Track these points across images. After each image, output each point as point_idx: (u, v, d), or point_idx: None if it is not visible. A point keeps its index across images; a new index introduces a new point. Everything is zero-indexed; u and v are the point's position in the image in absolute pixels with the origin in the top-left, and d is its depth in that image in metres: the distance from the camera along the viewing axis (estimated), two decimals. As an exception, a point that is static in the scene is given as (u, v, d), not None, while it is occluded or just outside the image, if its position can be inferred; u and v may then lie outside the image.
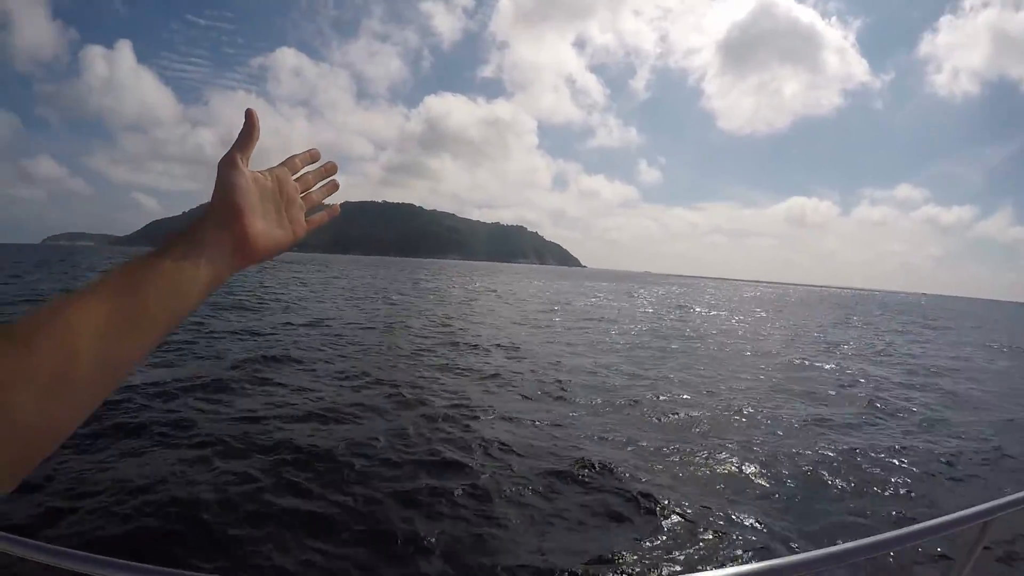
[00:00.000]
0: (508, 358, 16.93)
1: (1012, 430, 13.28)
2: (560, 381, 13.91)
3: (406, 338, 19.46)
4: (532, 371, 15.15)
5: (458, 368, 14.80)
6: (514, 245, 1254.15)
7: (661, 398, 13.13)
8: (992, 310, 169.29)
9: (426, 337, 20.08)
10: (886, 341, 33.28)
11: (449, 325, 24.44)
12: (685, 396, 13.50)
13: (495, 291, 57.87)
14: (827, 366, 20.80)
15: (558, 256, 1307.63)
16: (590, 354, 19.22)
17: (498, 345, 19.35)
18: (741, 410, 12.57)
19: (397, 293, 44.93)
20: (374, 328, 21.52)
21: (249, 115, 0.91)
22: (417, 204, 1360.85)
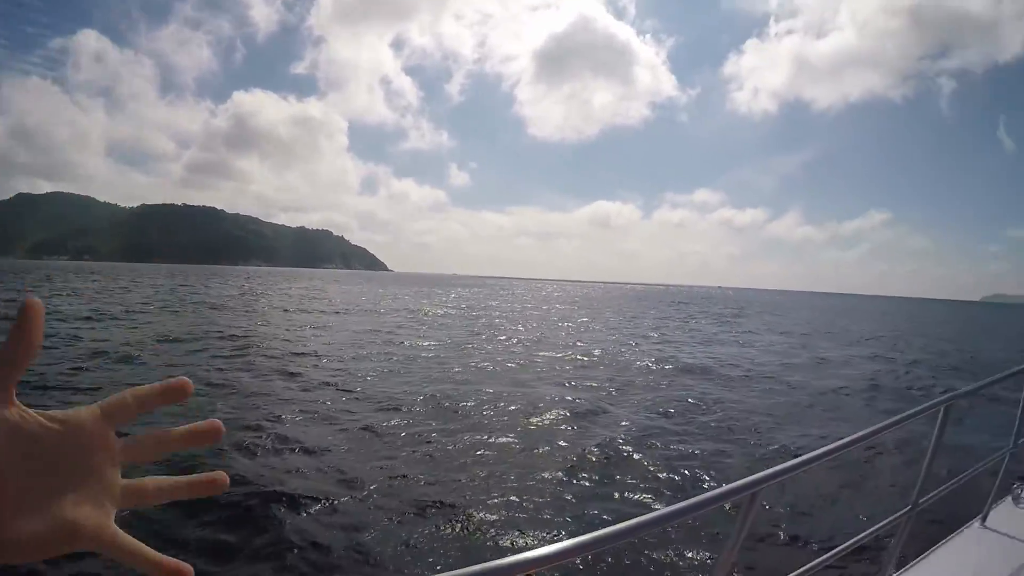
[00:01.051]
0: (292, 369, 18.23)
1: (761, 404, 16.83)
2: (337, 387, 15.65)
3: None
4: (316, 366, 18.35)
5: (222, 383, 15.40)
6: (320, 250, 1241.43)
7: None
8: (778, 298, 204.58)
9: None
10: (678, 326, 43.63)
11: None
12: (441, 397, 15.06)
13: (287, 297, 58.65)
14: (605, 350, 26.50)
15: (365, 260, 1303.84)
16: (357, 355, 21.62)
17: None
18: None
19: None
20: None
21: (27, 312, 0.59)
22: (220, 207, 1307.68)
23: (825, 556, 2.67)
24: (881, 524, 3.10)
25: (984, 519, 4.27)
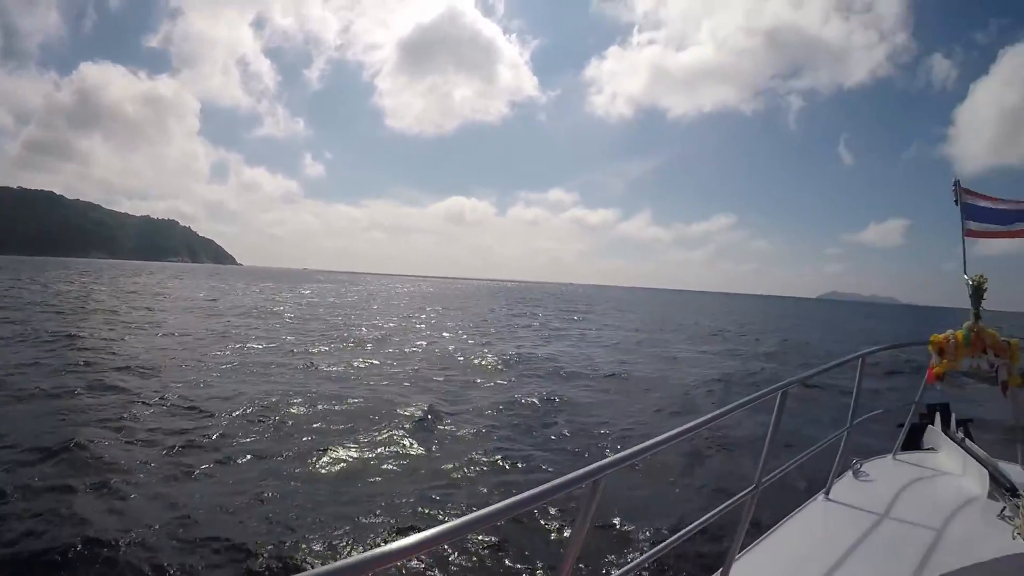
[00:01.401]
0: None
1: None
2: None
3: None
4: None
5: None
6: (165, 241, 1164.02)
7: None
8: (627, 295, 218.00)
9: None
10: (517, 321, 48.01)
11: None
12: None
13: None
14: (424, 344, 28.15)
15: (212, 253, 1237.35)
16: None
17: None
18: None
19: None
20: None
21: None
22: (60, 192, 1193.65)
23: (674, 537, 2.83)
24: (727, 504, 3.24)
25: (827, 493, 4.63)
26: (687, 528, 2.95)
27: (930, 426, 5.92)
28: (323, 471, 10.35)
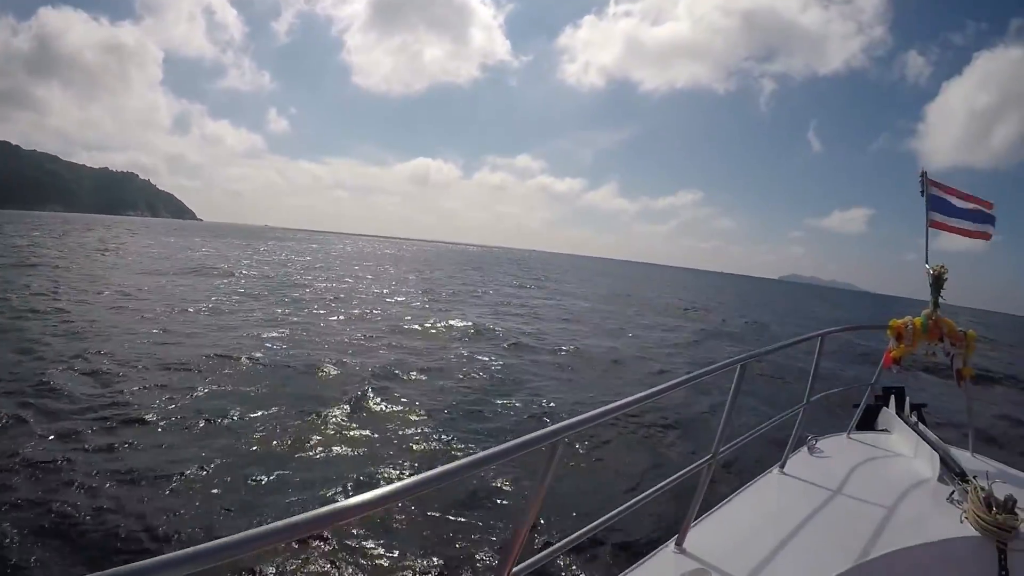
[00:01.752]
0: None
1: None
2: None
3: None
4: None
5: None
6: (124, 195, 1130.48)
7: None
8: (591, 264, 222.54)
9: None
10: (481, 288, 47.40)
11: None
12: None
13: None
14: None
15: (173, 208, 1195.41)
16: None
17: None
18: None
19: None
20: None
21: None
22: (15, 143, 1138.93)
23: (630, 502, 2.94)
24: (683, 472, 3.40)
25: (783, 466, 4.76)
26: (644, 494, 3.07)
27: (884, 408, 6.08)
28: (254, 440, 10.00)
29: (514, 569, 2.18)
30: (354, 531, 6.96)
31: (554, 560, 5.37)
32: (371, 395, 12.85)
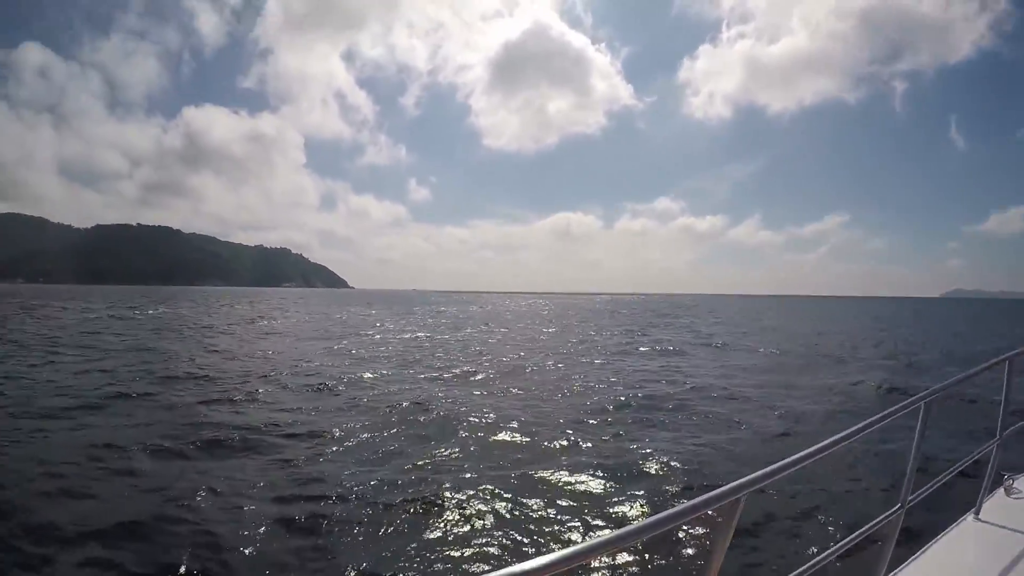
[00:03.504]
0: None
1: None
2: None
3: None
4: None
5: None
6: (279, 269, 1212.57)
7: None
8: (746, 303, 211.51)
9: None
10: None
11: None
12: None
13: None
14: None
15: (325, 278, 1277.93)
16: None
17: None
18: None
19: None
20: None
21: None
22: (177, 227, 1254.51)
23: (814, 560, 2.67)
24: (871, 524, 3.11)
25: (977, 512, 4.30)
26: (829, 551, 2.83)
27: None
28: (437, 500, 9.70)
29: None
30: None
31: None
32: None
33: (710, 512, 1.99)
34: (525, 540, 8.22)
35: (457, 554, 7.81)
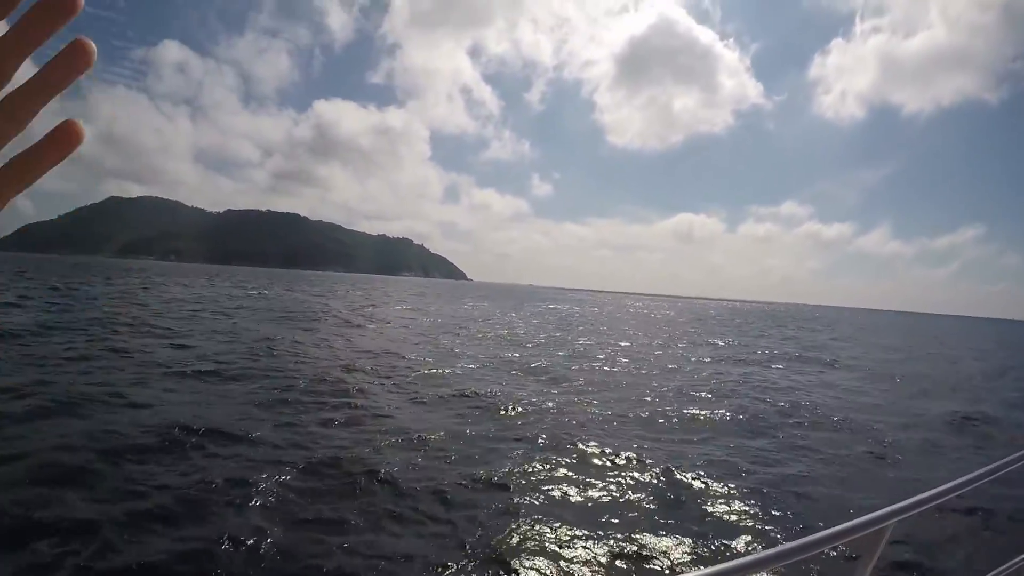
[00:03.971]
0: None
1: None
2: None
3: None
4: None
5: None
6: (399, 258, 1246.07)
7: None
8: (874, 319, 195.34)
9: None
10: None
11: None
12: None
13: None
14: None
15: (444, 269, 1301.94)
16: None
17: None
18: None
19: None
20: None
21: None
22: (303, 214, 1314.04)
23: None
24: (1013, 562, 2.93)
25: None
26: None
27: None
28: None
29: None
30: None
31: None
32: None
33: (850, 542, 1.90)
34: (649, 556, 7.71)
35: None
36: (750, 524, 8.96)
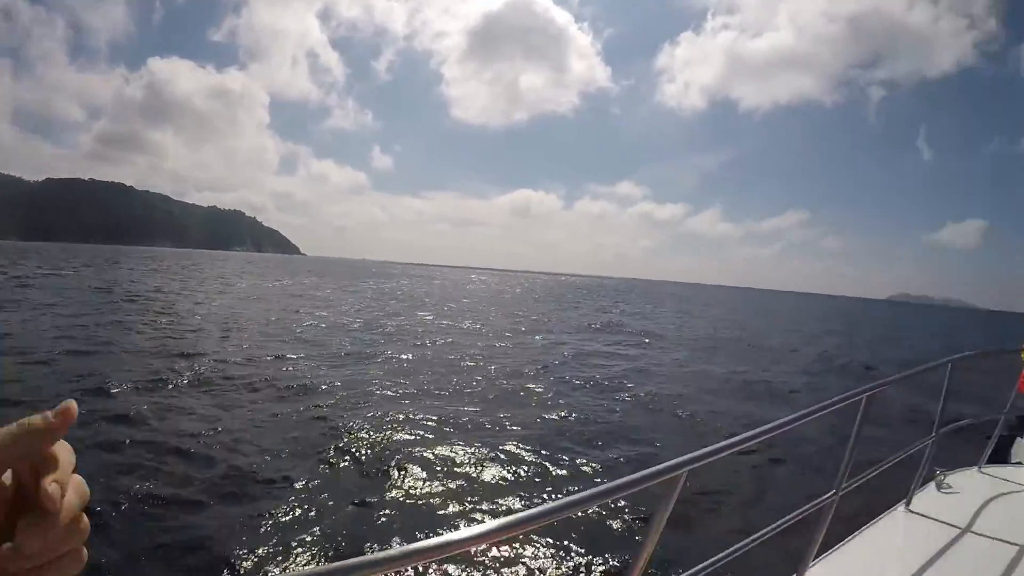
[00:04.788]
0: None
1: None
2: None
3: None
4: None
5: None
6: (231, 231, 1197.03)
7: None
8: (699, 292, 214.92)
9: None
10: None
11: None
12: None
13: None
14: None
15: (277, 243, 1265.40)
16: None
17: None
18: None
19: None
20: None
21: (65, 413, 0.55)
22: (131, 183, 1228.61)
23: (749, 539, 2.81)
24: (805, 508, 3.22)
25: (908, 503, 4.48)
26: (763, 530, 2.93)
27: (1020, 439, 5.71)
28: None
29: None
30: (460, 565, 6.88)
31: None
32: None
33: (650, 487, 2.02)
34: (462, 508, 8.49)
35: (396, 519, 8.06)
36: (564, 474, 10.16)
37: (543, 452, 11.33)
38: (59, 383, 14.46)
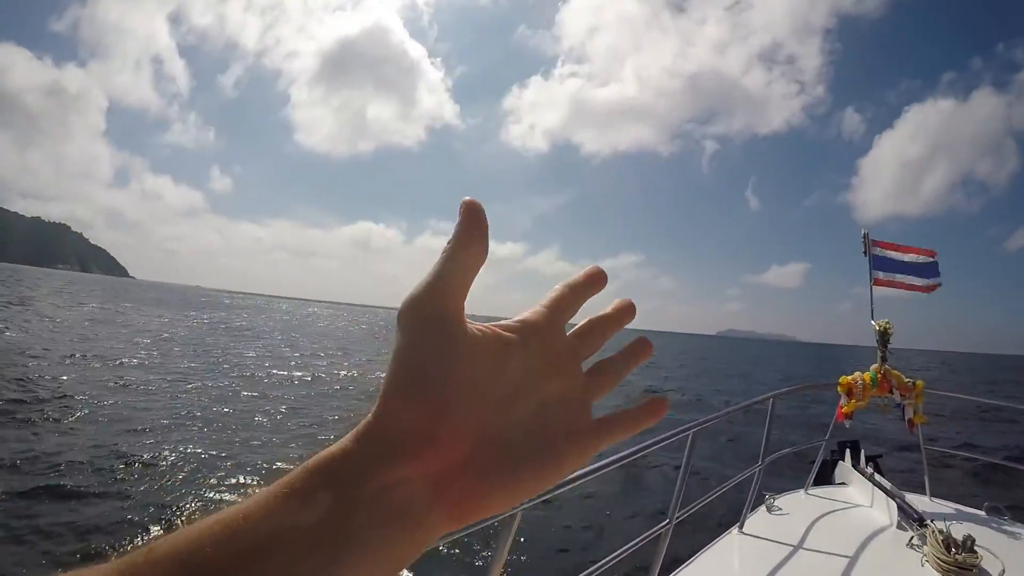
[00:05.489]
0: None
1: None
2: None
3: None
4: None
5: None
6: (55, 247, 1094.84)
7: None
8: None
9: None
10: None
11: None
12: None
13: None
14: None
15: (104, 264, 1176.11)
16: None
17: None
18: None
19: None
20: None
21: (469, 211, 0.50)
22: None
23: (589, 570, 2.91)
24: (642, 537, 3.42)
25: (741, 526, 4.68)
26: (602, 561, 3.01)
27: (840, 462, 6.11)
28: None
29: None
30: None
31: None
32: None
33: (485, 528, 2.03)
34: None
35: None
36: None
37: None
38: None
